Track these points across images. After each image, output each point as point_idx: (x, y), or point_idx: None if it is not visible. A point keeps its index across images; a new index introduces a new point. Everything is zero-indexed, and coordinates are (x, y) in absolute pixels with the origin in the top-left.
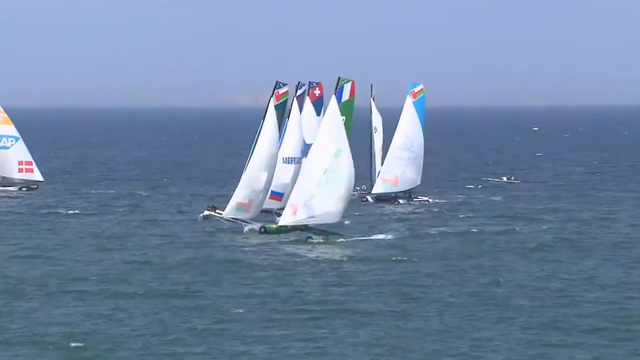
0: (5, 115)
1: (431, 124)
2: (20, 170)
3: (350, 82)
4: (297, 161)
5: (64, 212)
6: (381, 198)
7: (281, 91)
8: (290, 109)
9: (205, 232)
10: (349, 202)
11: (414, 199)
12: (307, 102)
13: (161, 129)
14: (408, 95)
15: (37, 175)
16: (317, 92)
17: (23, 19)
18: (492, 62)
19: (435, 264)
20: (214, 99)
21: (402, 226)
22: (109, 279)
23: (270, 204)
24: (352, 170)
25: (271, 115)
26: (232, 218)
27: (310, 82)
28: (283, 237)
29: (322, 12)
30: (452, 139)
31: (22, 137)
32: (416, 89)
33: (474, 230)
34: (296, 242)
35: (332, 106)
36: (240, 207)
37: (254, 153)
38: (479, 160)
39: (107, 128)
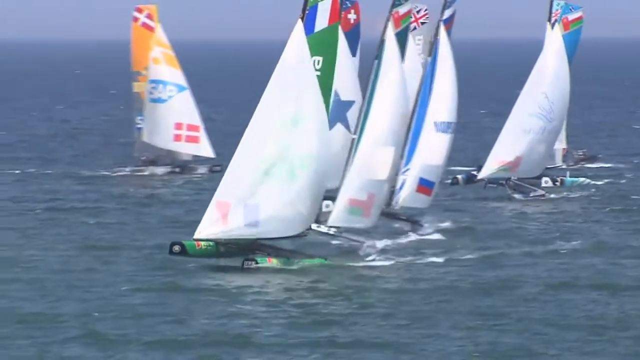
0: (170, 52)
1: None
2: (177, 138)
3: None
4: (453, 128)
5: None
6: (474, 180)
7: (402, 11)
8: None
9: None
10: (320, 201)
11: (531, 193)
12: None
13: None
14: (557, 24)
15: (204, 148)
16: (351, 16)
17: None
18: None
19: None
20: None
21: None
22: None
23: (413, 199)
24: (323, 148)
25: (393, 52)
26: (338, 231)
27: None
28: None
29: None
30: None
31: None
32: (571, 16)
33: None
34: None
35: (295, 41)
36: (355, 207)
37: (369, 115)
38: None
39: None
